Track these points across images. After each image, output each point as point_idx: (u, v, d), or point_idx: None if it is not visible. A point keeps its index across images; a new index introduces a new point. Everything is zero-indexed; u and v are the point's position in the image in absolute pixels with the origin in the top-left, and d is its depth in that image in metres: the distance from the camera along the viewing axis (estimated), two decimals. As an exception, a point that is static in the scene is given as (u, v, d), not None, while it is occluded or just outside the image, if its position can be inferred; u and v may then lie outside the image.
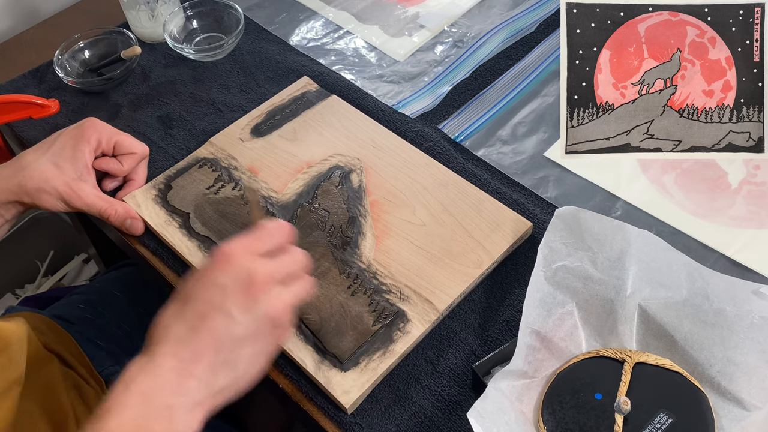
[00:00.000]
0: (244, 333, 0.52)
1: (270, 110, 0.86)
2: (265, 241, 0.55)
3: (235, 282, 0.52)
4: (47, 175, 0.72)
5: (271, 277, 0.53)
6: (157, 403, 0.50)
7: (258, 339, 0.53)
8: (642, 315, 0.64)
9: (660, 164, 0.80)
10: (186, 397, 0.50)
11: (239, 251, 0.54)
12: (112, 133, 0.76)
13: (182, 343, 0.51)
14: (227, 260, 0.53)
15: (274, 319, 0.53)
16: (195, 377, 0.51)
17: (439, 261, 0.71)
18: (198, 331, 0.51)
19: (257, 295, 0.52)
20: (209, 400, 0.52)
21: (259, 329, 0.53)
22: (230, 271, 0.52)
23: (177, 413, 0.50)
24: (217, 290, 0.52)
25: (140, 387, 0.50)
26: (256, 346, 0.53)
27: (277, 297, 0.53)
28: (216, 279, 0.53)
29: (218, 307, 0.52)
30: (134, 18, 0.95)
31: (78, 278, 1.43)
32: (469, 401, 0.61)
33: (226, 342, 0.51)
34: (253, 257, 0.54)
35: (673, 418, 0.58)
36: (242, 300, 0.52)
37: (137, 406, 0.49)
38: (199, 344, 0.51)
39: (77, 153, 0.73)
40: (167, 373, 0.50)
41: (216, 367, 0.51)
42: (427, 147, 0.81)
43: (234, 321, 0.51)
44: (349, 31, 0.99)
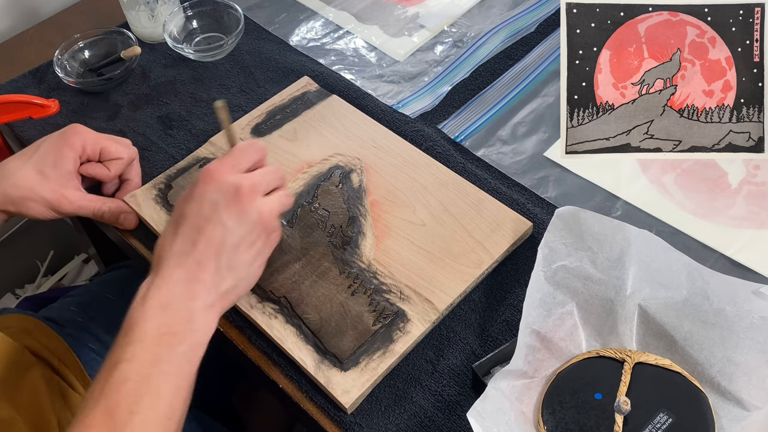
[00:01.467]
0: (240, 239, 0.58)
1: (270, 110, 0.86)
2: (242, 159, 0.60)
3: (224, 195, 0.58)
4: (32, 184, 0.71)
5: (255, 188, 0.59)
6: (175, 309, 0.55)
7: (253, 243, 0.59)
8: (642, 315, 0.64)
9: (660, 164, 0.80)
10: (198, 301, 0.56)
11: (222, 169, 0.59)
12: (96, 138, 0.75)
13: (185, 255, 0.57)
14: (212, 178, 0.58)
15: (264, 224, 0.59)
16: (203, 282, 0.56)
17: (440, 261, 0.71)
18: (198, 243, 0.57)
19: (246, 204, 0.58)
20: (219, 302, 0.57)
21: (253, 235, 0.59)
22: (217, 187, 0.58)
23: (194, 315, 0.56)
24: (207, 205, 0.57)
25: (155, 299, 0.55)
26: (252, 250, 0.59)
27: (264, 204, 0.59)
28: (205, 195, 0.58)
29: (212, 218, 0.57)
30: (134, 18, 0.95)
31: (78, 278, 1.43)
32: (469, 401, 0.61)
33: (225, 248, 0.57)
34: (235, 173, 0.59)
35: (673, 418, 0.58)
36: (233, 210, 0.57)
37: (157, 316, 0.54)
38: (201, 253, 0.57)
39: (61, 159, 0.72)
40: (177, 282, 0.56)
41: (220, 271, 0.57)
42: (427, 147, 0.81)
43: (228, 229, 0.57)
44: (349, 31, 0.99)
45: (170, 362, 0.53)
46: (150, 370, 0.52)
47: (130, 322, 0.54)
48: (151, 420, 0.51)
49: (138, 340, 0.53)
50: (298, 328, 0.67)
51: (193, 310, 0.55)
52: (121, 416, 0.50)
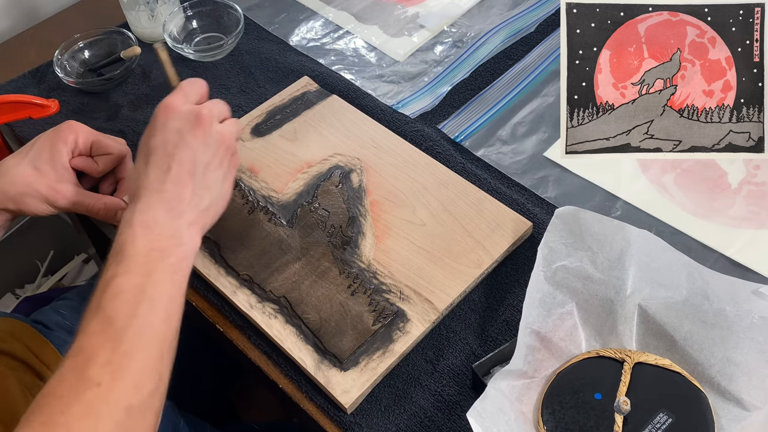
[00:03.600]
0: (209, 158, 0.62)
1: (270, 110, 0.86)
2: (191, 92, 0.64)
3: (186, 121, 0.61)
4: (28, 179, 0.71)
5: (211, 113, 0.63)
6: (160, 227, 0.58)
7: (221, 163, 0.63)
8: (642, 315, 0.64)
9: (660, 164, 0.80)
10: (181, 219, 0.59)
11: (176, 101, 0.63)
12: (89, 133, 0.75)
13: (161, 180, 0.60)
14: (170, 110, 0.62)
15: (226, 144, 0.63)
16: (183, 200, 0.59)
17: (439, 261, 0.71)
18: (171, 167, 0.60)
19: (207, 127, 0.62)
20: (200, 218, 0.61)
21: (219, 154, 0.63)
22: (177, 116, 0.62)
23: (180, 231, 0.59)
24: (172, 133, 0.61)
25: (140, 220, 0.57)
26: (221, 169, 0.63)
27: (222, 128, 0.64)
28: (167, 125, 0.61)
29: (180, 143, 0.60)
30: (134, 18, 0.95)
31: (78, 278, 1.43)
32: (468, 401, 0.61)
33: (198, 168, 0.61)
34: (190, 103, 0.63)
35: (672, 418, 0.58)
36: (197, 132, 0.61)
37: (144, 234, 0.57)
38: (176, 175, 0.60)
39: (55, 154, 0.73)
40: (157, 204, 0.59)
41: (196, 190, 0.60)
42: (427, 147, 0.81)
43: (197, 151, 0.61)
44: (349, 31, 0.99)
45: (162, 272, 0.56)
46: (143, 280, 0.55)
47: (119, 243, 0.57)
48: (150, 323, 0.54)
49: (129, 257, 0.55)
50: (297, 328, 0.67)
51: (177, 227, 0.58)
52: (121, 322, 0.53)
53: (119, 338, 0.52)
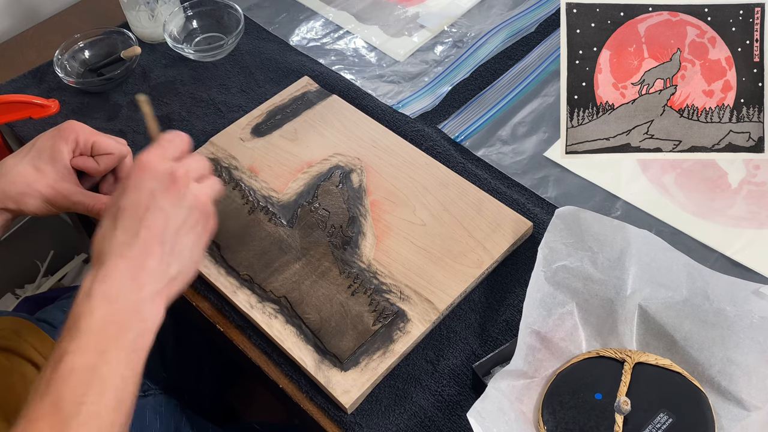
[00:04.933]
0: (181, 223, 0.58)
1: (270, 110, 0.86)
2: (169, 148, 0.60)
3: (159, 182, 0.57)
4: (29, 179, 0.71)
5: (188, 174, 0.59)
6: (121, 300, 0.54)
7: (193, 228, 0.59)
8: (642, 315, 0.64)
9: (660, 164, 0.80)
10: (144, 291, 0.55)
11: (153, 158, 0.59)
12: (89, 133, 0.75)
13: (128, 246, 0.56)
14: (145, 168, 0.58)
15: (201, 208, 0.59)
16: (149, 270, 0.55)
17: (440, 261, 0.71)
18: (139, 231, 0.56)
19: (182, 189, 0.58)
20: (166, 288, 0.56)
21: (192, 218, 0.58)
22: (151, 176, 0.58)
23: (142, 305, 0.54)
24: (144, 194, 0.57)
25: (100, 291, 0.54)
26: (192, 234, 0.59)
27: (199, 189, 0.59)
28: (140, 185, 0.57)
29: (151, 206, 0.57)
30: (134, 18, 0.95)
31: (78, 278, 1.43)
32: (469, 401, 0.61)
33: (168, 234, 0.57)
34: (167, 161, 0.59)
35: (673, 418, 0.58)
36: (171, 195, 0.57)
37: (102, 307, 0.53)
38: (144, 241, 0.56)
39: (56, 154, 0.73)
40: (122, 273, 0.55)
41: (164, 257, 0.56)
42: (427, 147, 0.81)
43: (169, 215, 0.57)
44: (349, 31, 0.99)
45: (117, 351, 0.53)
46: (96, 360, 0.52)
47: (74, 315, 0.53)
48: (98, 411, 0.51)
49: (84, 332, 0.52)
50: (298, 328, 0.67)
51: (140, 300, 0.55)
52: (68, 408, 0.50)
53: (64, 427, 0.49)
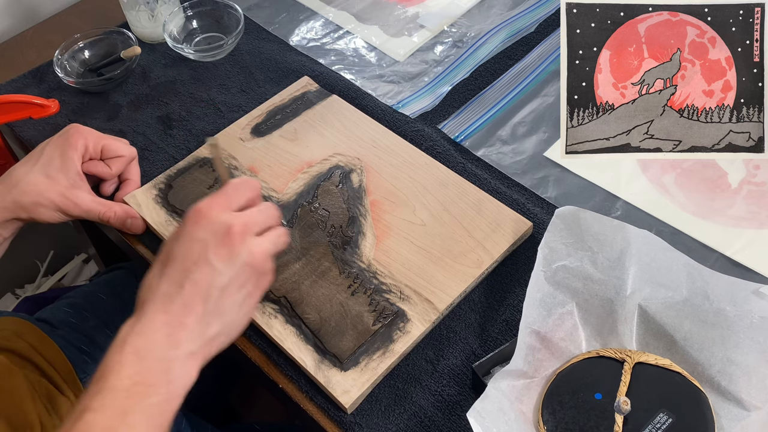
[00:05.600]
0: (228, 282, 0.54)
1: (270, 110, 0.86)
2: (235, 196, 0.57)
3: (214, 235, 0.54)
4: (41, 188, 0.71)
5: (247, 228, 0.55)
6: (152, 358, 0.52)
7: (242, 286, 0.55)
8: (642, 315, 0.64)
9: (660, 164, 0.80)
10: (180, 349, 0.52)
11: (213, 207, 0.56)
12: (98, 137, 0.76)
13: (170, 299, 0.53)
14: (203, 216, 0.55)
15: (255, 267, 0.56)
16: (187, 328, 0.53)
17: (440, 261, 0.71)
18: (184, 285, 0.53)
19: (236, 245, 0.54)
20: (203, 349, 0.54)
21: (242, 277, 0.55)
22: (207, 226, 0.55)
23: (173, 365, 0.52)
24: (196, 245, 0.54)
25: (134, 345, 0.52)
26: (241, 293, 0.55)
27: (256, 245, 0.56)
28: (194, 235, 0.55)
29: (200, 260, 0.54)
30: (134, 18, 0.95)
31: (78, 278, 1.43)
32: (469, 401, 0.61)
33: (213, 292, 0.54)
34: (227, 211, 0.56)
35: (673, 418, 0.58)
36: (222, 251, 0.54)
37: (133, 364, 0.51)
38: (187, 297, 0.53)
39: (67, 161, 0.73)
40: (159, 328, 0.52)
41: (206, 316, 0.54)
42: (427, 147, 0.81)
43: (217, 271, 0.54)
44: (349, 31, 0.99)
45: (140, 414, 0.50)
46: (117, 422, 0.49)
47: (104, 368, 0.51)
48: None
49: (109, 389, 0.50)
50: (298, 328, 0.67)
51: (172, 359, 0.52)
52: None
53: None
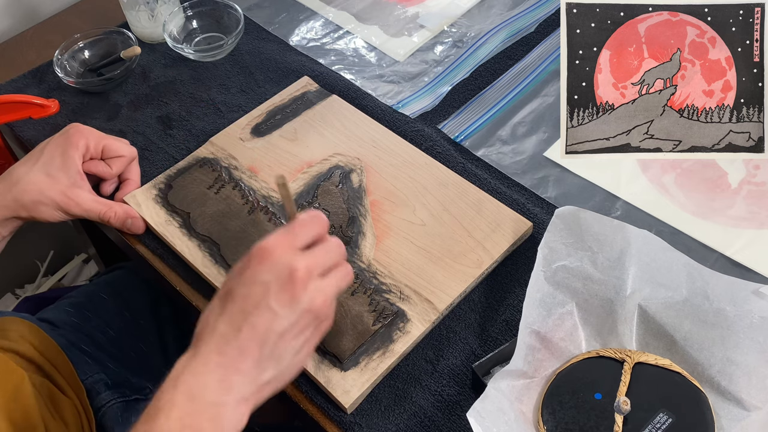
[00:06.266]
0: (287, 327, 0.53)
1: (270, 110, 0.86)
2: (302, 234, 0.55)
3: (276, 278, 0.53)
4: (41, 187, 0.71)
5: (311, 271, 0.54)
6: (204, 400, 0.51)
7: (301, 332, 0.54)
8: (642, 315, 0.64)
9: (660, 164, 0.80)
10: (232, 394, 0.52)
11: (278, 247, 0.54)
12: (99, 137, 0.76)
13: (227, 341, 0.52)
14: (267, 256, 0.54)
15: (316, 312, 0.54)
16: (241, 373, 0.52)
17: (440, 261, 0.71)
18: (242, 328, 0.52)
19: (298, 290, 0.53)
20: (255, 394, 0.53)
21: (302, 323, 0.54)
22: (270, 268, 0.53)
23: (224, 410, 0.51)
24: (258, 287, 0.53)
25: (187, 385, 0.51)
26: (299, 340, 0.54)
27: (318, 290, 0.54)
28: (256, 276, 0.53)
29: (260, 303, 0.52)
30: (134, 18, 0.95)
31: (78, 278, 1.43)
32: (468, 401, 0.61)
33: (270, 337, 0.53)
34: (292, 251, 0.54)
35: (673, 418, 0.58)
36: (284, 296, 0.53)
37: (184, 405, 0.50)
38: (243, 340, 0.52)
39: (68, 160, 0.73)
40: (213, 369, 0.52)
41: (262, 361, 0.53)
42: (427, 147, 0.81)
43: (277, 316, 0.52)
44: (349, 31, 0.99)
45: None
46: None
47: (157, 404, 0.51)
48: None
49: (158, 429, 0.50)
50: (298, 328, 0.67)
51: (223, 404, 0.51)
52: None
53: None
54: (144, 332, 0.90)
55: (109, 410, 0.80)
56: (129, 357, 0.87)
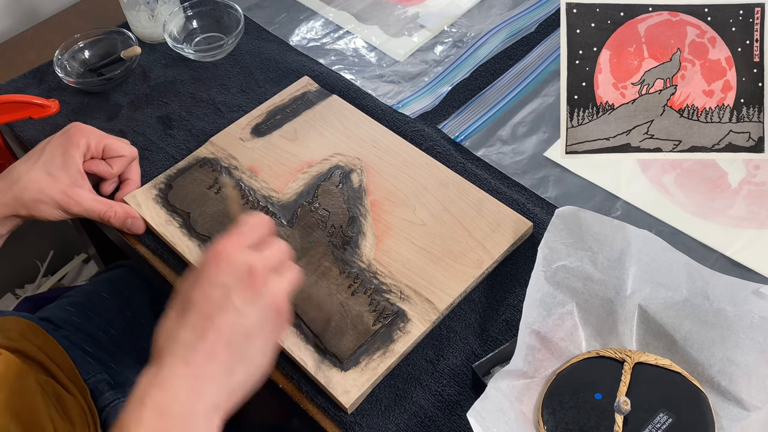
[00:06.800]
0: (252, 325, 0.52)
1: (270, 110, 0.86)
2: (249, 234, 0.56)
3: (236, 278, 0.52)
4: (42, 185, 0.71)
5: (267, 268, 0.54)
6: (174, 414, 0.49)
7: (264, 329, 0.53)
8: (642, 315, 0.64)
9: (660, 164, 0.81)
10: (202, 402, 0.50)
11: (231, 247, 0.54)
12: (100, 136, 0.76)
13: (192, 348, 0.51)
14: (222, 258, 0.53)
15: (276, 307, 0.54)
16: (210, 379, 0.51)
17: (440, 261, 0.71)
18: (206, 332, 0.51)
19: (258, 287, 0.53)
20: (227, 401, 0.52)
21: (265, 319, 0.53)
22: (228, 268, 0.53)
23: (195, 420, 0.49)
24: (218, 288, 0.52)
25: (154, 400, 0.49)
26: (263, 336, 0.53)
27: (276, 285, 0.54)
28: (215, 278, 0.52)
29: (223, 304, 0.52)
30: (134, 18, 0.95)
31: (78, 278, 1.43)
32: (469, 401, 0.61)
33: (237, 337, 0.52)
34: (246, 251, 0.54)
35: (673, 418, 0.58)
36: (246, 293, 0.52)
37: (153, 421, 0.49)
38: (210, 345, 0.51)
39: (69, 159, 0.73)
40: (180, 381, 0.50)
41: (230, 364, 0.51)
42: (427, 147, 0.81)
43: (241, 315, 0.52)
44: (349, 31, 0.99)
45: None
46: None
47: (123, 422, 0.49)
48: None
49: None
50: (298, 328, 0.67)
51: (195, 413, 0.50)
52: None
53: None
54: (145, 331, 0.90)
55: (113, 410, 0.80)
56: (130, 356, 0.87)
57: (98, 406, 0.79)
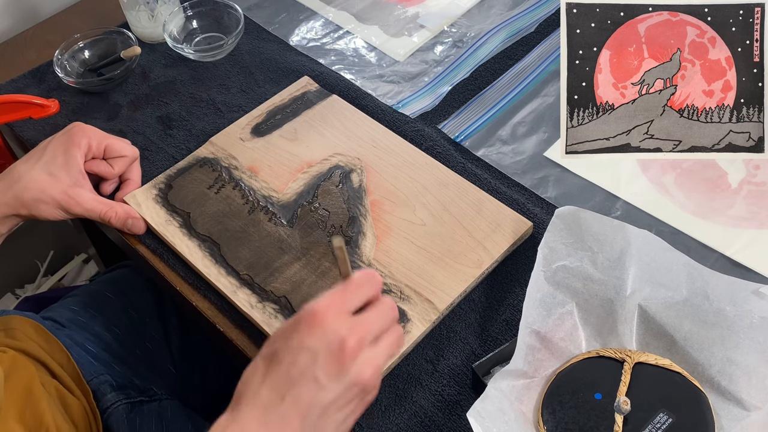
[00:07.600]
0: (333, 400, 0.50)
1: (270, 110, 0.86)
2: (355, 297, 0.53)
3: (325, 347, 0.50)
4: (43, 185, 0.71)
5: (362, 342, 0.51)
6: None
7: (346, 405, 0.52)
8: (642, 315, 0.64)
9: (660, 164, 0.81)
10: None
11: (330, 312, 0.51)
12: (101, 136, 0.76)
13: (268, 410, 0.50)
14: (317, 322, 0.51)
15: (363, 385, 0.51)
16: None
17: (440, 261, 0.71)
18: (285, 397, 0.50)
19: (347, 362, 0.50)
20: None
21: (348, 395, 0.51)
22: (320, 335, 0.50)
23: None
24: (306, 355, 0.50)
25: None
26: (343, 412, 0.52)
27: (368, 362, 0.51)
28: (305, 343, 0.51)
29: (306, 373, 0.50)
30: (134, 18, 0.95)
31: (78, 278, 1.43)
32: (469, 401, 0.61)
33: (314, 409, 0.50)
34: (344, 317, 0.51)
35: (673, 418, 0.58)
36: (332, 367, 0.50)
37: None
38: (286, 411, 0.50)
39: (70, 159, 0.73)
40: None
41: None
42: (427, 147, 0.81)
43: (323, 388, 0.50)
44: (349, 31, 0.99)
45: None
46: None
47: None
48: None
49: None
50: (298, 328, 0.67)
51: None
52: None
53: None
54: (150, 331, 0.90)
55: (115, 411, 0.80)
56: (134, 357, 0.87)
57: (100, 408, 0.79)
